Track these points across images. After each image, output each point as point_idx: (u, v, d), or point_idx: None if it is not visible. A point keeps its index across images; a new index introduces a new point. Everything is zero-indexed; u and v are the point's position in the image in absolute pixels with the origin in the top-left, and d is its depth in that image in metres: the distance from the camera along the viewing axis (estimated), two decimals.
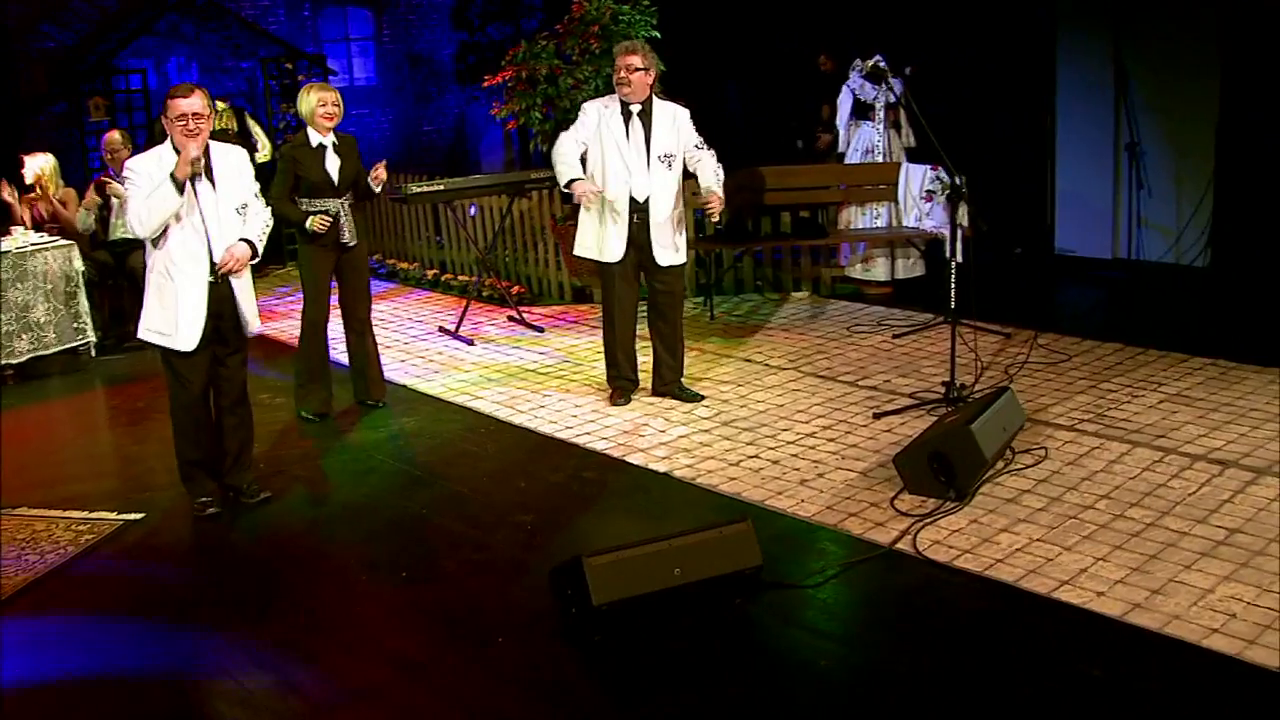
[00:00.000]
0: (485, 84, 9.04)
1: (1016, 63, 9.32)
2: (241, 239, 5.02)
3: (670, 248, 6.27)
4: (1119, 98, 8.73)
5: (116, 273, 8.51)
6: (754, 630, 4.01)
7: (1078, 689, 3.52)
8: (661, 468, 5.51)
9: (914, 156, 8.66)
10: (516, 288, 9.25)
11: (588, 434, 6.04)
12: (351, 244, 6.36)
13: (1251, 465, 5.09)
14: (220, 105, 10.53)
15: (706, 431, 5.97)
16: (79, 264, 7.88)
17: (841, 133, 8.77)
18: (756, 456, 5.57)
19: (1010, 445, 5.34)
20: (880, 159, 8.62)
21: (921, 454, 4.93)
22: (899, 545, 4.51)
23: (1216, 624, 3.79)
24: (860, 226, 8.72)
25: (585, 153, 6.18)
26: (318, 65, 11.44)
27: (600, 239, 6.24)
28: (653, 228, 6.19)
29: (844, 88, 8.66)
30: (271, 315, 9.01)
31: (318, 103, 6.21)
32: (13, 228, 8.08)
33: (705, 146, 6.23)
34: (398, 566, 4.65)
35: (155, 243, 4.97)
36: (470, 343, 8.09)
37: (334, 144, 6.25)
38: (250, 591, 4.54)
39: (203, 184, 4.95)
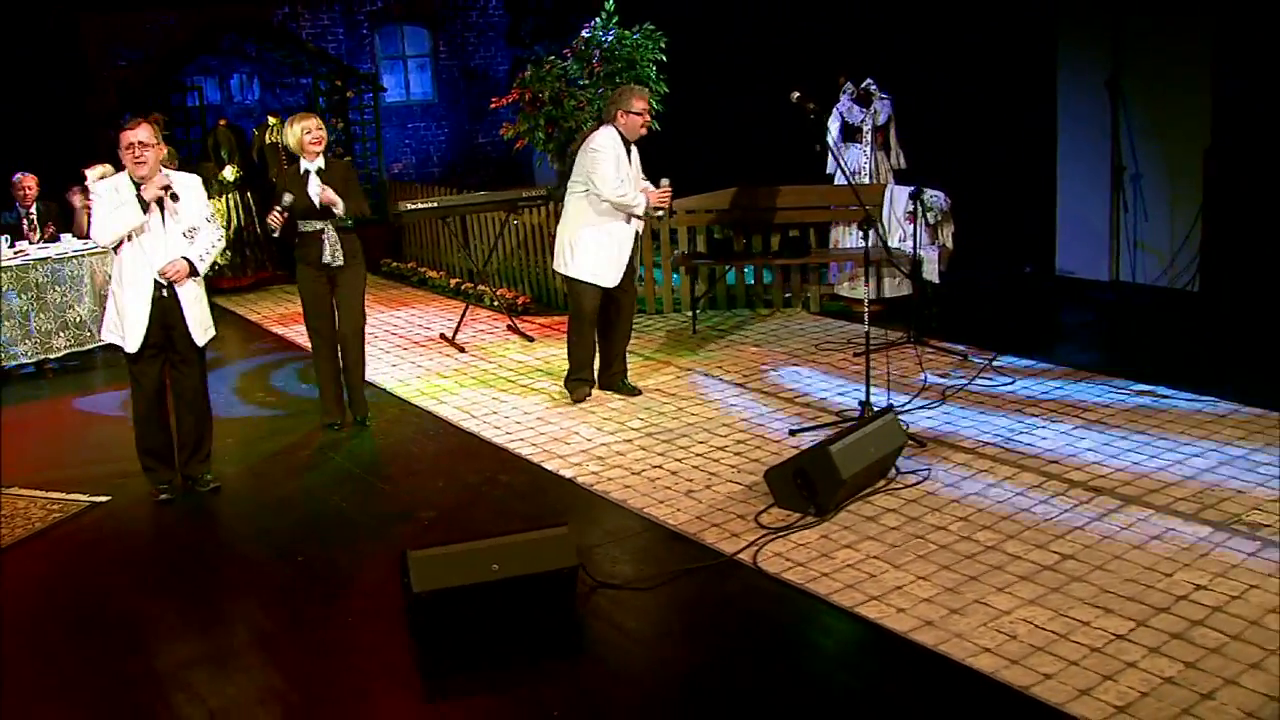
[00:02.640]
0: (493, 105, 9.49)
1: (1018, 87, 9.37)
2: (183, 256, 5.57)
3: (635, 261, 6.99)
4: (1116, 121, 8.72)
5: None
6: (570, 622, 4.33)
7: (823, 693, 3.76)
8: (569, 473, 5.86)
9: (903, 178, 8.79)
10: (522, 298, 9.68)
11: (521, 439, 6.43)
12: (336, 264, 6.57)
13: (1125, 494, 5.17)
14: (271, 120, 11.29)
15: (628, 441, 6.29)
16: None
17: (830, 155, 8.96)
18: (660, 466, 5.88)
19: (895, 465, 5.53)
20: (868, 180, 8.79)
21: (788, 471, 5.18)
22: (740, 556, 4.77)
23: (993, 644, 3.96)
24: (847, 246, 8.90)
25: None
26: (367, 82, 12.09)
27: (605, 265, 6.71)
28: (639, 245, 6.97)
29: (833, 110, 8.85)
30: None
31: (303, 131, 6.55)
32: (62, 235, 8.88)
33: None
34: (299, 551, 5.13)
35: (113, 255, 5.57)
36: (461, 349, 8.56)
37: (319, 169, 6.56)
38: (167, 563, 5.14)
39: (152, 208, 5.51)
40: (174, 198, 5.54)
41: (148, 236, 5.51)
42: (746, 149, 9.67)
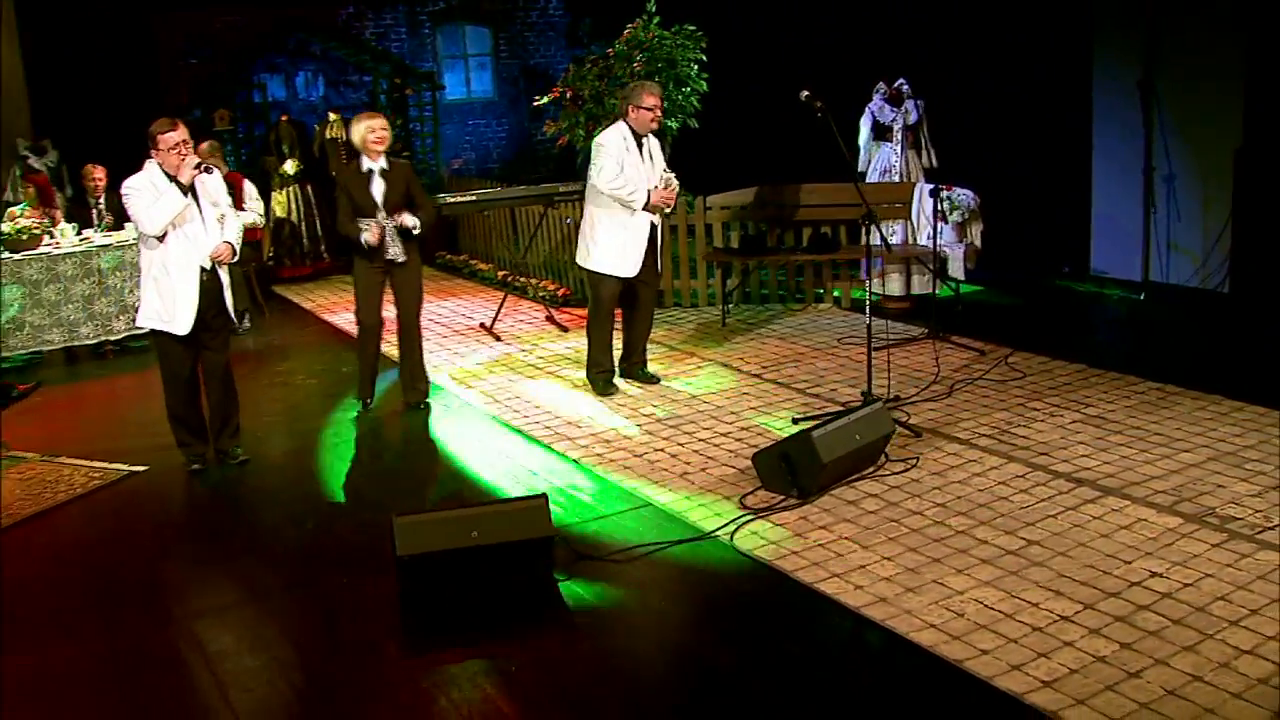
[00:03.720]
0: (535, 103, 9.79)
1: (1054, 87, 9.39)
2: (225, 240, 5.96)
3: (654, 259, 7.14)
4: (1150, 122, 8.71)
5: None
6: (547, 588, 4.58)
7: (769, 660, 3.97)
8: (575, 454, 6.12)
9: (933, 177, 8.89)
10: (563, 290, 9.97)
11: (537, 422, 6.70)
12: (399, 260, 6.79)
13: (1105, 485, 5.26)
14: (332, 116, 11.75)
15: (638, 426, 6.53)
16: None
17: (862, 153, 9.09)
18: (662, 450, 6.10)
19: (885, 452, 5.70)
20: (898, 179, 8.90)
21: (773, 455, 5.37)
22: (718, 534, 4.99)
23: (939, 621, 4.12)
24: (878, 243, 9.00)
25: None
26: (426, 81, 12.49)
27: (622, 256, 6.94)
28: (656, 240, 7.07)
29: (865, 109, 8.98)
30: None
31: (367, 130, 6.72)
32: (126, 225, 9.38)
33: (668, 170, 7.06)
34: (307, 518, 5.48)
35: (153, 246, 5.95)
36: (497, 338, 8.87)
37: (382, 169, 6.74)
38: (189, 527, 5.56)
39: (191, 198, 5.90)
40: (207, 170, 5.89)
41: (192, 224, 5.89)
42: (787, 147, 9.81)
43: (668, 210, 7.08)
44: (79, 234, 8.79)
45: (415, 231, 6.77)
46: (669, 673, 4.02)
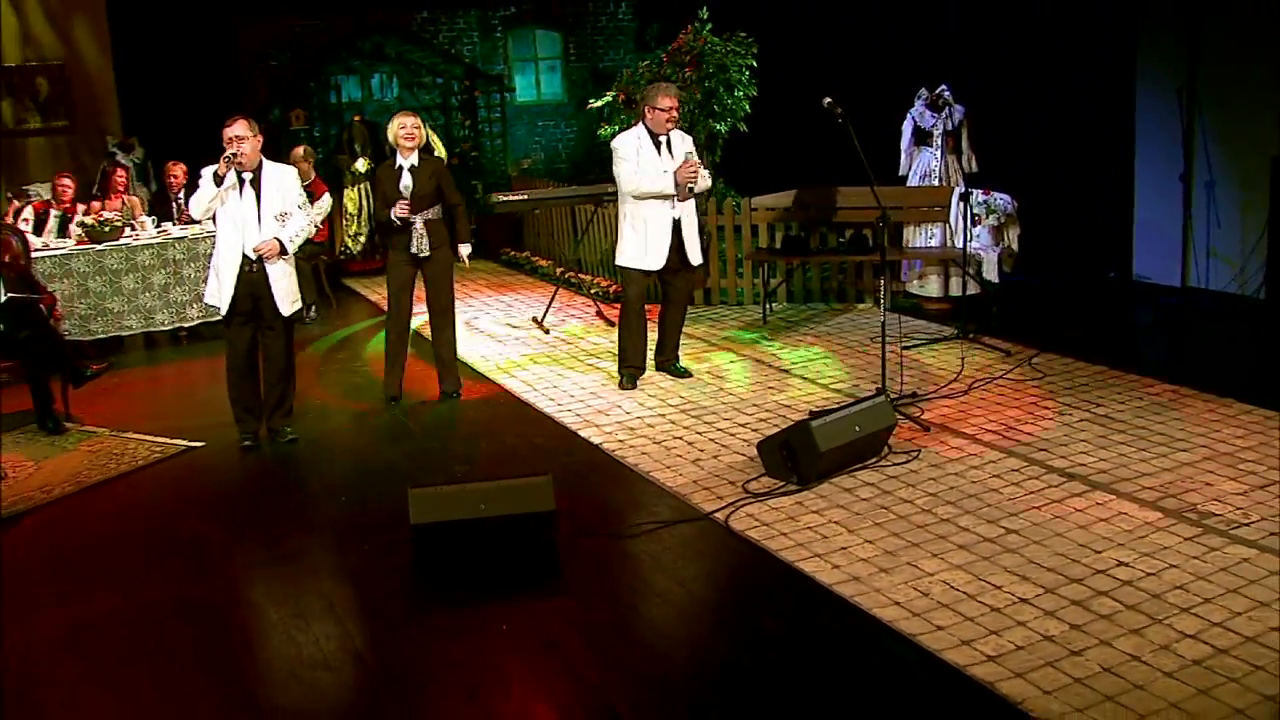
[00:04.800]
0: (589, 105, 10.16)
1: (1097, 94, 9.48)
2: (275, 236, 6.42)
3: (698, 251, 7.45)
4: (1191, 129, 8.78)
5: None
6: (549, 559, 4.93)
7: (746, 633, 4.28)
8: (597, 439, 6.48)
9: (974, 181, 9.05)
10: (615, 286, 10.31)
11: (569, 410, 7.07)
12: (425, 255, 7.16)
13: (1095, 481, 5.44)
14: None
15: (662, 415, 6.86)
16: None
17: (903, 158, 9.29)
18: (680, 438, 6.42)
19: (888, 444, 5.95)
20: (937, 182, 9.08)
21: (776, 443, 5.66)
22: (715, 515, 5.30)
23: (902, 600, 4.38)
24: (917, 245, 9.22)
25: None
26: (494, 83, 12.97)
27: (645, 250, 7.27)
28: (685, 235, 7.33)
29: (908, 115, 9.18)
30: None
31: (398, 127, 7.21)
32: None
33: (703, 165, 7.35)
34: (342, 490, 5.93)
35: (214, 230, 6.49)
36: (546, 331, 9.27)
37: (412, 165, 7.15)
38: (236, 498, 6.03)
39: (248, 191, 6.39)
40: (237, 161, 6.25)
41: (240, 214, 6.37)
42: (832, 150, 10.03)
43: (696, 189, 7.23)
44: (157, 226, 9.40)
45: (466, 255, 7.48)
46: (647, 635, 4.33)
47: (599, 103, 10.14)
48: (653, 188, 7.13)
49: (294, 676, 4.11)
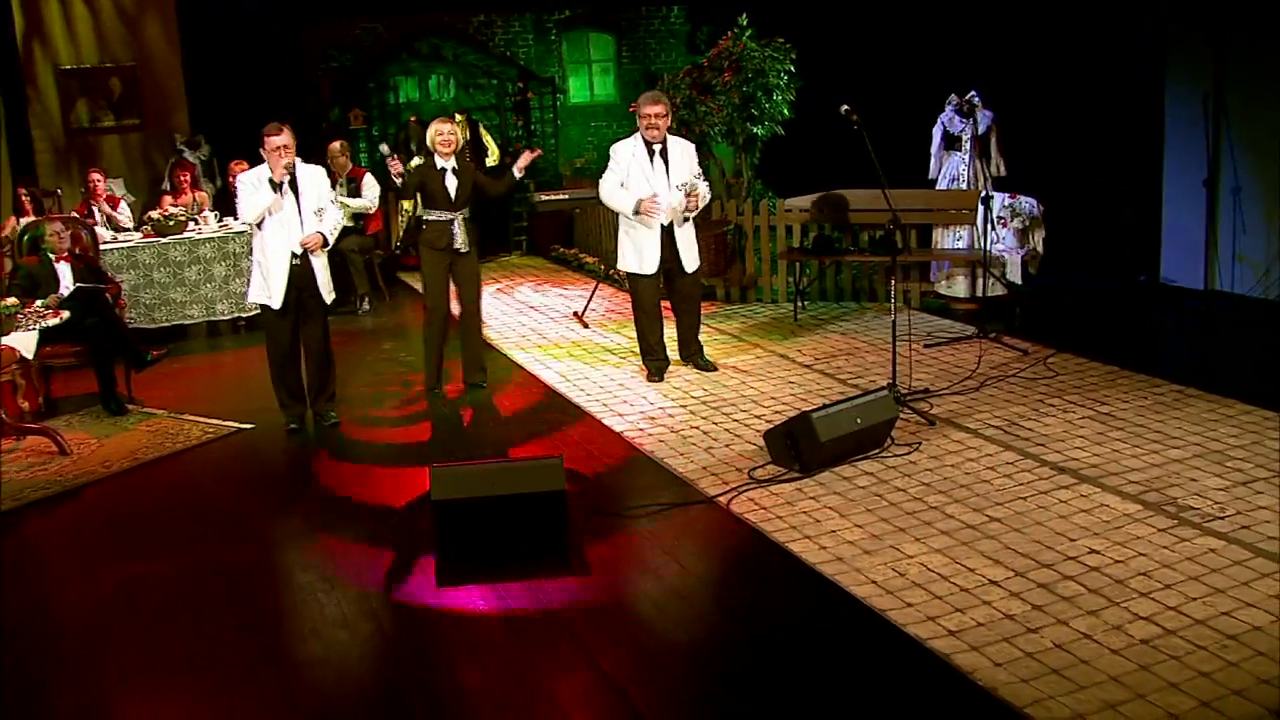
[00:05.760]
0: (631, 109, 10.49)
1: (1127, 101, 9.62)
2: (317, 230, 6.88)
3: (693, 257, 7.69)
4: (1218, 135, 8.90)
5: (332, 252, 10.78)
6: (560, 536, 5.29)
7: (727, 597, 4.62)
8: (618, 426, 6.84)
9: (1003, 185, 9.26)
10: None
11: (597, 400, 7.44)
12: (463, 250, 7.61)
13: (1084, 474, 5.67)
14: (458, 117, 12.73)
15: (683, 407, 7.20)
16: None
17: (933, 161, 9.53)
18: (696, 428, 6.76)
19: (891, 436, 6.23)
20: (965, 186, 9.30)
21: (781, 433, 5.98)
22: (718, 499, 5.63)
23: (880, 579, 4.67)
24: (945, 247, 9.45)
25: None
26: (547, 85, 13.38)
27: (639, 254, 7.63)
28: (679, 242, 7.59)
29: (938, 120, 9.41)
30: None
31: (435, 133, 7.61)
32: None
33: (702, 178, 7.68)
34: (376, 469, 6.36)
35: (256, 232, 6.93)
36: (585, 325, 9.65)
37: (454, 168, 7.57)
38: (278, 476, 6.53)
39: (288, 192, 6.85)
40: (291, 173, 6.76)
41: (285, 215, 6.84)
42: (866, 153, 10.29)
43: (672, 220, 7.50)
44: (220, 221, 9.94)
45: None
46: (643, 607, 4.68)
47: (635, 106, 10.45)
48: (616, 205, 7.50)
49: (315, 633, 4.53)
